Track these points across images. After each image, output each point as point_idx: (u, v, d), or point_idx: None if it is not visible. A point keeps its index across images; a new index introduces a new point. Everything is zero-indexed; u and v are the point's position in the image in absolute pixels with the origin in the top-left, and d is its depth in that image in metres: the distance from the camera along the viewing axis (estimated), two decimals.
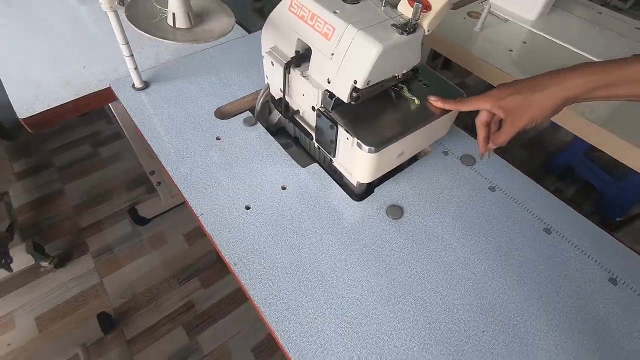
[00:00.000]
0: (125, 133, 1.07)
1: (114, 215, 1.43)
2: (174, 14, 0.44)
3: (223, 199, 0.58)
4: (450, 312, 0.49)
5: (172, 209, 1.44)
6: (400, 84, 0.59)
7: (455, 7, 1.04)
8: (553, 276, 0.53)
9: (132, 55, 0.67)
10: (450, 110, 0.58)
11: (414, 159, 0.68)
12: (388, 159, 0.57)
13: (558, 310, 0.50)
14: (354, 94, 0.52)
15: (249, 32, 0.93)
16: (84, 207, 1.45)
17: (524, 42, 0.93)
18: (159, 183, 1.27)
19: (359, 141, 0.53)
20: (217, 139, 0.67)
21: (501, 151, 0.65)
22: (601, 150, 0.72)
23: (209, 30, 0.46)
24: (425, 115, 0.57)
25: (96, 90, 0.74)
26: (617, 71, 0.42)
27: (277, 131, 0.76)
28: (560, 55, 0.90)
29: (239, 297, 1.24)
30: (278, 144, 0.66)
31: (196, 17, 0.47)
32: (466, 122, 0.69)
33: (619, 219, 1.47)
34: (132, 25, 0.41)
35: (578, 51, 0.91)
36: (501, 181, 0.63)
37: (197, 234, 1.38)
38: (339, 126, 0.55)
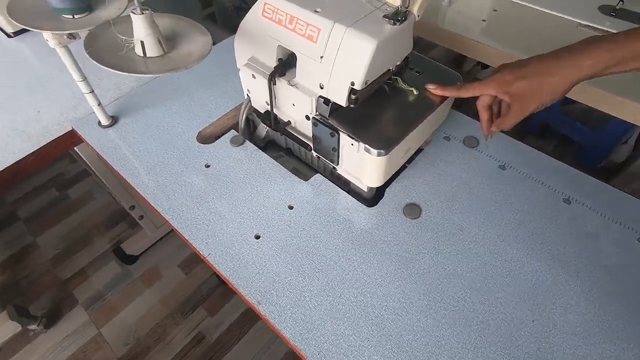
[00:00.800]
0: (96, 172, 0.98)
1: (99, 258, 1.34)
2: (142, 42, 0.38)
3: (228, 232, 0.53)
4: (495, 307, 0.46)
5: (160, 240, 1.36)
6: (393, 76, 0.56)
7: None
8: (584, 248, 0.51)
9: (92, 92, 0.60)
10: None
11: (417, 151, 0.65)
12: (397, 158, 0.54)
13: (599, 283, 0.48)
14: (352, 97, 0.48)
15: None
16: (63, 256, 1.34)
17: (495, 10, 0.92)
18: (142, 217, 1.19)
19: (367, 146, 0.49)
20: (207, 166, 0.61)
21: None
22: (574, 103, 0.72)
23: (186, 54, 0.40)
24: (426, 105, 0.54)
25: (57, 135, 0.67)
26: (630, 46, 0.39)
27: (266, 145, 0.71)
28: (531, 16, 0.89)
29: (249, 318, 1.19)
30: (273, 161, 0.62)
31: (168, 42, 0.41)
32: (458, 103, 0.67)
33: (600, 165, 1.52)
34: (97, 63, 0.35)
35: (547, 11, 0.90)
36: (509, 158, 0.61)
37: (192, 261, 1.31)
38: (340, 133, 0.51)
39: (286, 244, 0.52)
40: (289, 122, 0.59)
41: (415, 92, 0.55)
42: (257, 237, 0.53)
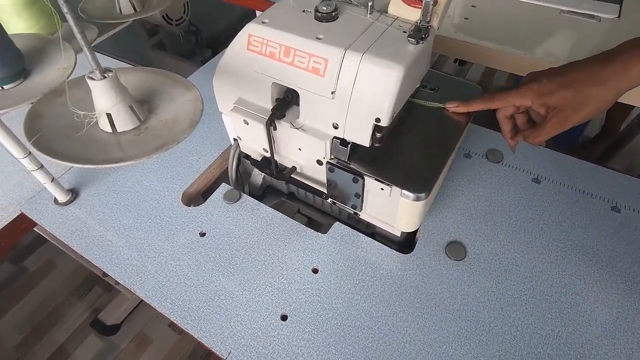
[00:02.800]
0: (54, 242, 0.83)
1: (77, 332, 1.17)
2: (108, 114, 0.27)
3: (246, 317, 0.43)
4: (584, 357, 0.39)
5: (142, 302, 1.21)
6: (409, 100, 0.48)
7: None
8: None
9: (42, 167, 0.48)
10: (473, 112, 0.48)
11: None
12: (433, 196, 0.46)
13: None
14: (377, 135, 0.40)
15: None
16: (31, 341, 1.16)
17: (473, 6, 0.87)
18: (117, 282, 1.04)
19: (404, 191, 0.41)
20: (202, 235, 0.50)
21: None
22: None
23: (171, 120, 0.30)
24: (453, 127, 0.47)
25: (2, 226, 0.53)
26: None
27: (263, 193, 0.61)
28: (512, 8, 0.85)
29: None
30: (282, 216, 0.52)
31: (142, 105, 0.31)
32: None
33: (578, 142, 1.53)
34: (51, 158, 0.25)
35: (530, 1, 0.86)
36: (541, 168, 0.55)
37: None
38: (366, 177, 0.43)
39: (321, 319, 0.43)
40: (294, 168, 0.50)
41: (441, 105, 0.47)
42: (284, 317, 0.43)
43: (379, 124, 0.38)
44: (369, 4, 0.40)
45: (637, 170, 1.35)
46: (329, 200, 0.50)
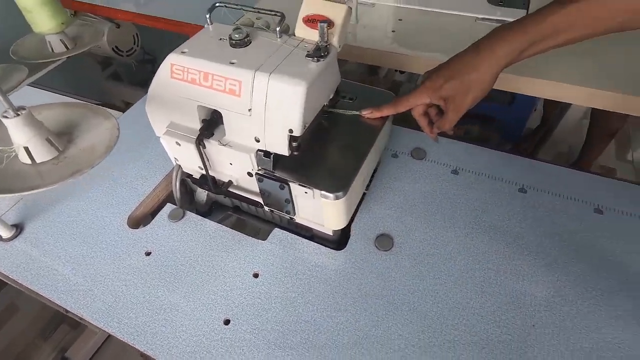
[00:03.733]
0: (13, 285, 0.82)
1: None
2: (26, 148, 0.30)
3: (191, 326, 0.46)
4: (494, 322, 0.44)
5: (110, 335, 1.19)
6: (328, 109, 0.53)
7: None
8: (552, 234, 0.52)
9: None
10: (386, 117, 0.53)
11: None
12: (356, 194, 0.51)
13: (578, 268, 0.49)
14: (294, 144, 0.44)
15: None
16: None
17: (400, 20, 0.95)
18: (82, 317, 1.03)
19: (323, 192, 0.45)
20: (147, 254, 0.53)
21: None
22: None
23: (88, 148, 0.33)
24: (370, 131, 0.52)
25: None
26: (536, 28, 0.41)
27: (210, 209, 0.64)
28: (434, 18, 0.93)
29: None
30: (223, 227, 0.55)
31: (61, 137, 0.34)
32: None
33: (521, 134, 1.65)
34: None
35: (446, 11, 0.95)
36: (459, 161, 0.61)
37: None
38: (290, 183, 0.47)
39: (263, 320, 0.46)
40: (230, 182, 0.53)
41: (357, 112, 0.52)
42: (227, 322, 0.46)
43: (292, 134, 0.43)
44: (277, 29, 0.45)
45: (575, 154, 1.47)
46: (267, 208, 0.54)
